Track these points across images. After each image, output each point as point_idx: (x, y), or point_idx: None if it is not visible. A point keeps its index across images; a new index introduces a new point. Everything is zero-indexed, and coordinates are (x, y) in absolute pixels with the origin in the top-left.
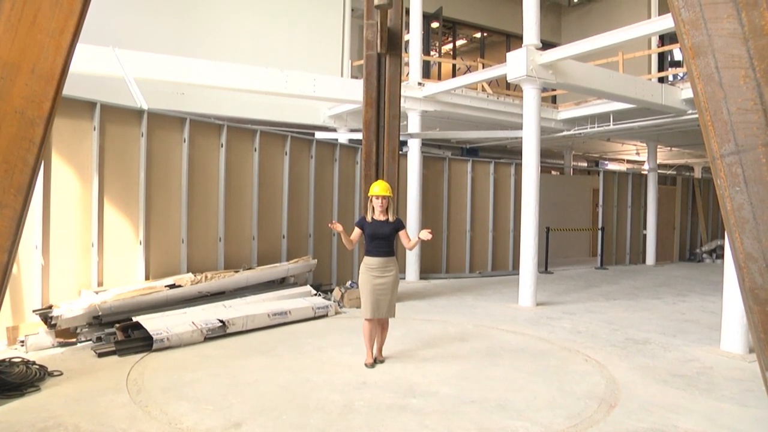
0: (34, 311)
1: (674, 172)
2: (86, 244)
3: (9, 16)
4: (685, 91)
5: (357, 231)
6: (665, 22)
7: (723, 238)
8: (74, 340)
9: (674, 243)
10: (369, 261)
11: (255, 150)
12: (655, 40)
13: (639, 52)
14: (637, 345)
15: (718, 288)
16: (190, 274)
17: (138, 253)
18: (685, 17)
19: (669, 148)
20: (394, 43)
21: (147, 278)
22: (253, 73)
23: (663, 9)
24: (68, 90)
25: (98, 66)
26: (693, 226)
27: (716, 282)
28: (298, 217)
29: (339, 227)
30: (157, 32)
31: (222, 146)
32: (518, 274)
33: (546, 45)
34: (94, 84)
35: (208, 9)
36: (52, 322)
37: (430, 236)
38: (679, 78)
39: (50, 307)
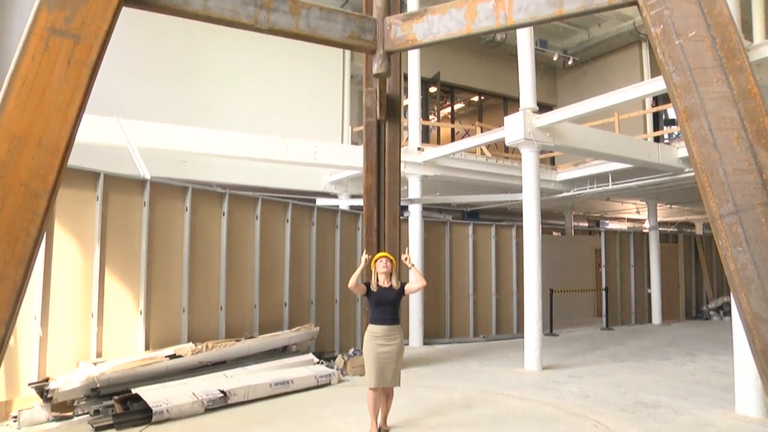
0: (29, 384)
1: (675, 230)
2: (86, 314)
3: (20, 91)
4: (681, 150)
5: (363, 287)
6: (658, 84)
7: (729, 294)
8: (71, 413)
9: (680, 301)
10: (373, 329)
11: (257, 218)
12: (649, 100)
13: (634, 112)
14: (648, 409)
15: (728, 347)
16: (191, 344)
17: (138, 322)
18: (677, 81)
19: (669, 206)
20: (393, 110)
21: (147, 348)
22: (255, 141)
23: (655, 70)
24: (72, 160)
25: (102, 136)
26: (698, 284)
27: (725, 340)
28: (300, 285)
29: (366, 259)
30: (161, 101)
31: (224, 215)
32: (523, 337)
33: (542, 107)
34: (98, 153)
35: (211, 77)
36: (48, 396)
37: (405, 257)
38: (674, 136)
39: (47, 379)
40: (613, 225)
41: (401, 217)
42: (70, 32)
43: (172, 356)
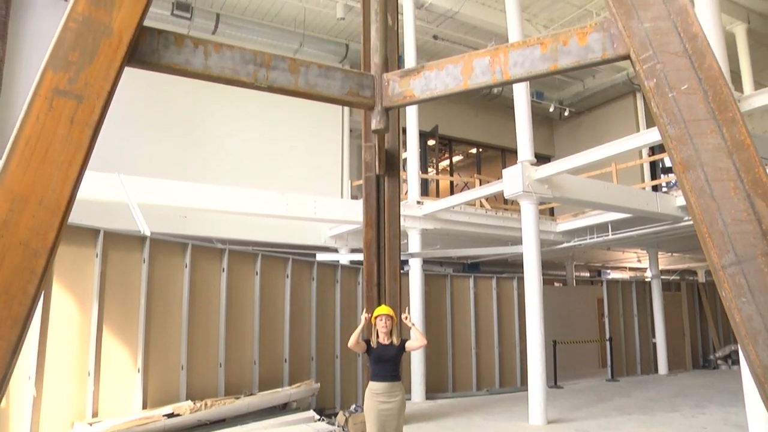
0: None
1: (678, 278)
2: (82, 372)
3: (23, 151)
4: (680, 199)
5: (363, 344)
6: (653, 135)
7: (736, 342)
8: None
9: (686, 350)
10: (374, 386)
11: (256, 273)
12: (645, 149)
13: (631, 162)
14: None
15: (739, 397)
16: (190, 402)
17: (136, 380)
18: (672, 133)
19: (670, 254)
20: (392, 165)
21: (145, 407)
22: (255, 196)
23: (650, 120)
24: (73, 217)
25: (103, 192)
26: (703, 332)
27: (735, 391)
28: (301, 340)
29: (366, 318)
30: (161, 156)
31: (223, 271)
32: (527, 389)
33: (540, 157)
34: (99, 209)
35: (211, 132)
36: None
37: (406, 316)
38: (672, 185)
39: None
40: (614, 274)
41: (401, 271)
42: (74, 93)
43: (170, 415)
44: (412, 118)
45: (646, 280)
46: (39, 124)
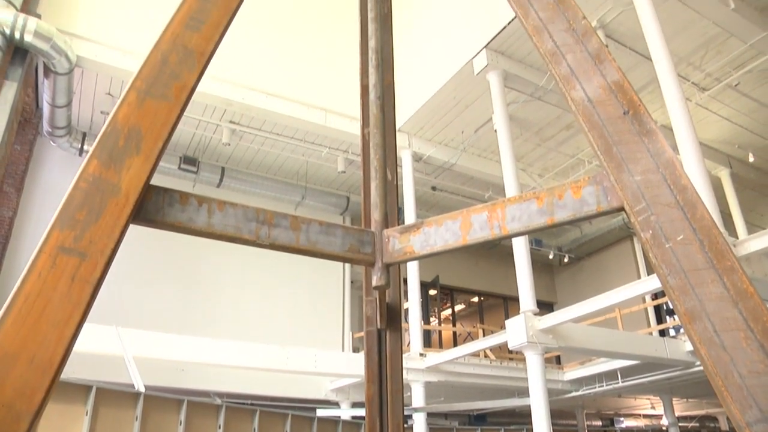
0: None
1: (697, 424)
2: None
3: (20, 309)
4: (689, 343)
5: None
6: (655, 282)
7: None
8: None
9: None
10: None
11: (254, 430)
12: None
13: (635, 307)
14: None
15: None
16: None
17: None
18: (673, 284)
19: (686, 400)
20: (393, 318)
21: None
22: (254, 350)
23: (650, 263)
24: (65, 371)
25: (99, 345)
26: None
27: None
28: None
29: None
30: (161, 308)
31: (219, 428)
32: None
33: (542, 304)
34: (91, 360)
35: (212, 285)
36: None
37: None
38: (680, 329)
39: None
40: (628, 422)
41: (405, 426)
42: (78, 250)
43: None
44: (413, 269)
45: (663, 428)
46: (40, 280)
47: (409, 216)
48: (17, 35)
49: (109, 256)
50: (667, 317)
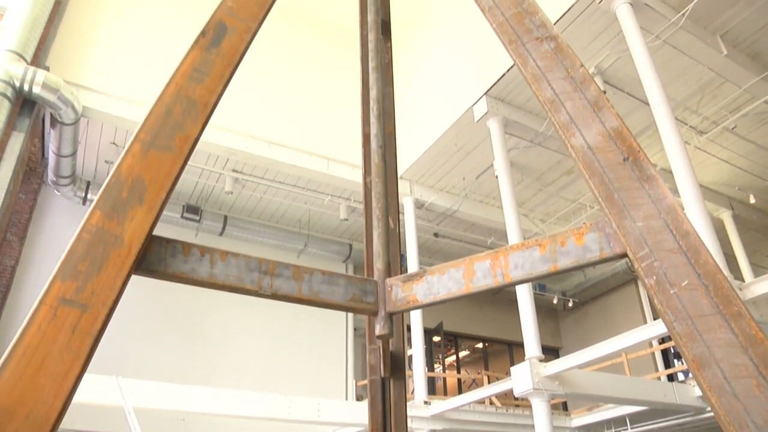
0: None
1: None
2: None
3: (19, 361)
4: (698, 389)
5: None
6: (661, 327)
7: None
8: None
9: None
10: None
11: None
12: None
13: (641, 351)
14: None
15: None
16: None
17: None
18: (680, 330)
19: None
20: (397, 367)
21: None
22: (256, 399)
23: (655, 307)
24: (63, 423)
25: (98, 395)
26: None
27: None
28: None
29: None
30: (162, 357)
31: None
32: None
33: (547, 350)
34: (91, 411)
35: (214, 333)
36: None
37: None
38: (689, 375)
39: None
40: None
41: None
42: (79, 302)
43: None
44: (416, 316)
45: None
46: (40, 332)
47: (412, 263)
48: (26, 87)
49: (110, 307)
50: (675, 361)
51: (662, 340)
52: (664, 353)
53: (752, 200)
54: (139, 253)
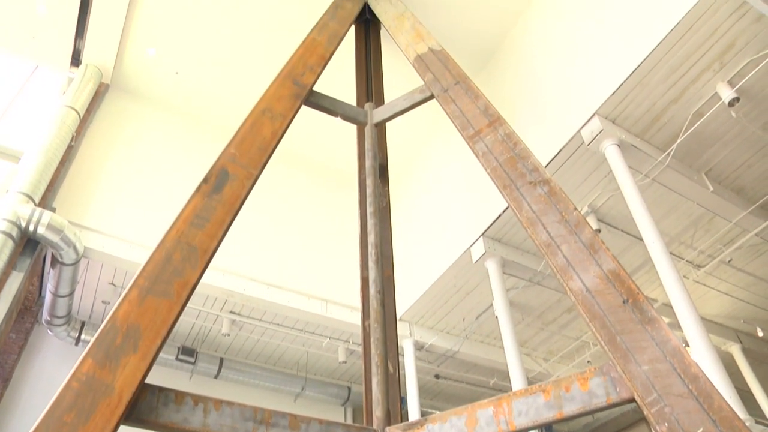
0: None
1: None
2: None
3: None
4: None
5: None
6: None
7: None
8: None
9: None
10: None
11: None
12: None
13: None
14: None
15: None
16: None
17: None
18: None
19: None
20: None
21: None
22: None
23: None
24: None
25: None
26: None
27: None
28: None
29: None
30: None
31: None
32: None
33: None
34: None
35: None
36: None
37: None
38: None
39: None
40: None
41: None
42: None
43: None
44: None
45: None
46: None
47: (413, 406)
48: (31, 228)
49: None
50: None
51: None
52: None
53: (760, 333)
54: (130, 402)
